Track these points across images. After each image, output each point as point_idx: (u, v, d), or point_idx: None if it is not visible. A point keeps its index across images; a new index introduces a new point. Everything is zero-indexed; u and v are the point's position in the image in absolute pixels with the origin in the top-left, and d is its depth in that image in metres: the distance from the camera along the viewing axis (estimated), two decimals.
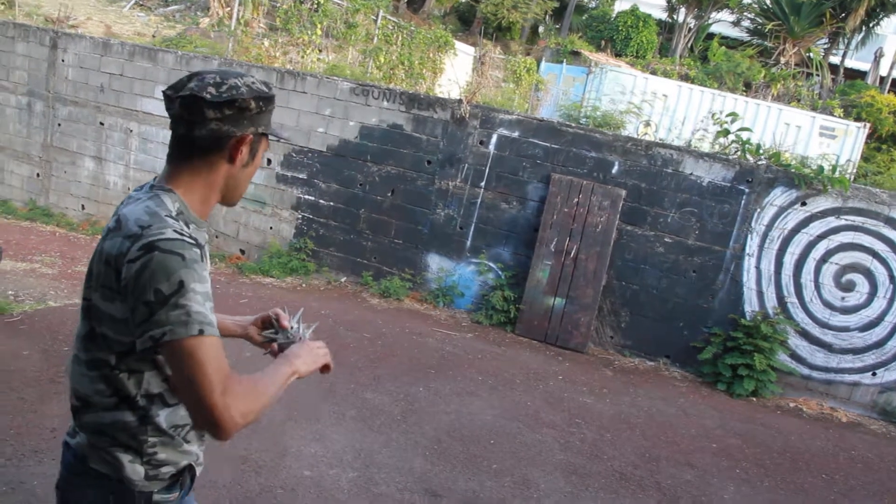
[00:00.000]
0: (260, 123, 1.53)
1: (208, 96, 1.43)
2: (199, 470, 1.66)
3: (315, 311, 6.91)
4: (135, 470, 1.48)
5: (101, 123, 9.65)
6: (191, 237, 1.42)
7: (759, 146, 6.85)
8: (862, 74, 21.57)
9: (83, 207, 9.91)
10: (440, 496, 3.73)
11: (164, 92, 1.49)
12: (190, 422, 1.52)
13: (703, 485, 4.46)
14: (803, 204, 6.60)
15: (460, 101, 7.64)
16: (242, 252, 8.93)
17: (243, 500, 3.37)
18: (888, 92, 18.37)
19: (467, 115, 7.58)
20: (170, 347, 1.33)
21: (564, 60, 15.42)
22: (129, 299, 1.35)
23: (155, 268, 1.33)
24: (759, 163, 6.79)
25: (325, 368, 1.70)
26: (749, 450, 5.22)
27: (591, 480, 4.23)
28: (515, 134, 7.48)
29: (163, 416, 1.49)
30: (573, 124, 7.46)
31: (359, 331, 6.46)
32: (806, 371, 6.70)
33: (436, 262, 7.93)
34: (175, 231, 1.39)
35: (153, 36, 14.51)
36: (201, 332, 1.34)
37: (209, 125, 1.45)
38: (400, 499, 3.62)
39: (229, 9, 14.95)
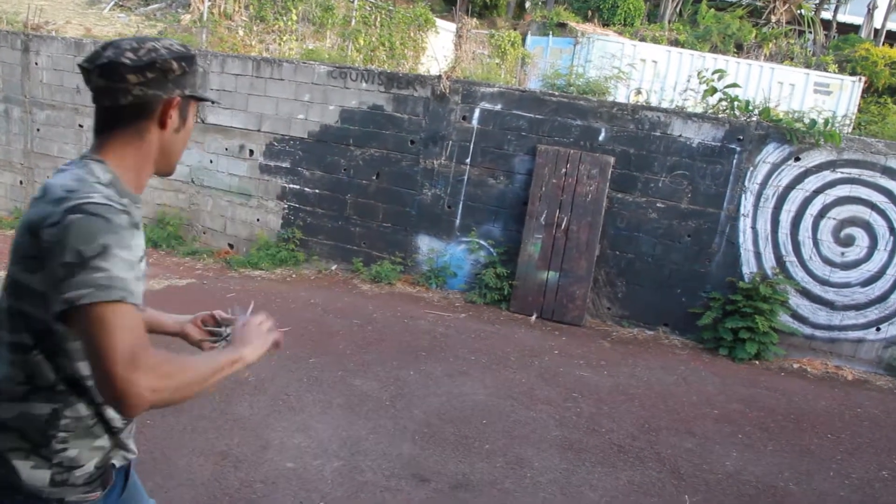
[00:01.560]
0: (185, 85, 1.47)
1: (128, 61, 1.38)
2: (123, 462, 1.54)
3: (304, 300, 6.77)
4: (37, 476, 1.37)
5: (80, 126, 9.49)
6: (121, 204, 1.33)
7: (748, 103, 6.63)
8: (855, 28, 21.19)
9: None
10: (428, 480, 3.59)
11: (79, 65, 1.43)
12: (109, 411, 1.44)
13: (705, 452, 4.31)
14: (797, 159, 6.40)
15: (440, 76, 7.44)
16: (231, 246, 8.79)
17: (221, 496, 3.24)
18: (883, 44, 18.05)
19: (447, 91, 7.38)
20: (84, 312, 1.22)
21: (551, 33, 15.15)
22: (48, 262, 1.26)
23: (78, 229, 1.24)
24: (750, 120, 6.59)
25: (275, 345, 1.61)
26: (752, 414, 5.07)
27: (587, 455, 4.09)
28: (498, 107, 7.28)
29: (80, 405, 1.40)
30: (557, 93, 7.26)
31: (348, 317, 6.32)
32: (809, 330, 6.53)
33: (426, 244, 7.77)
34: (104, 196, 1.31)
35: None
36: (122, 298, 1.23)
37: (133, 91, 1.39)
38: (386, 485, 3.49)
39: (210, 3, 14.73)
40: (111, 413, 1.44)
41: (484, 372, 5.30)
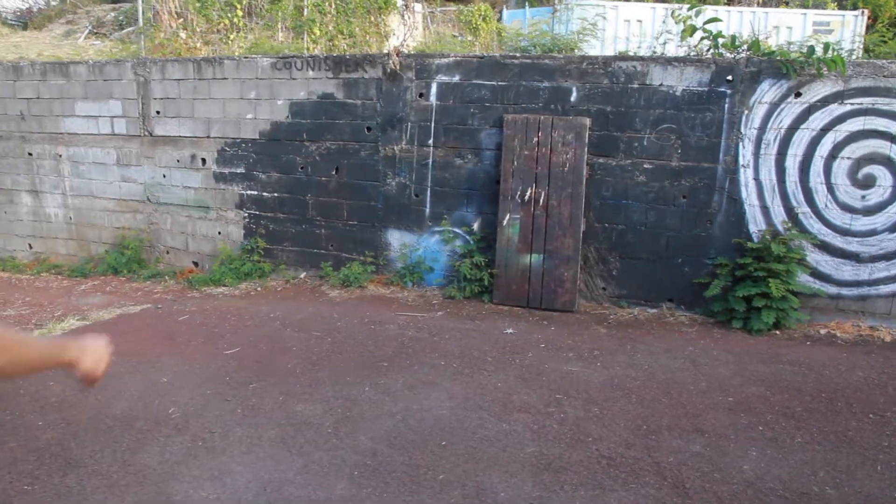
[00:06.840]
0: None
1: None
2: None
3: (262, 315, 6.05)
4: None
5: (30, 154, 8.87)
6: None
7: (734, 38, 5.79)
8: None
9: (30, 246, 9.17)
10: None
11: None
12: None
13: (716, 456, 3.50)
14: (798, 95, 5.55)
15: (388, 54, 6.67)
16: (196, 264, 8.10)
17: None
18: None
19: (399, 68, 6.61)
20: None
21: (527, 3, 14.33)
22: None
23: None
24: (738, 57, 5.74)
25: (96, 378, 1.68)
26: (774, 398, 4.25)
27: (567, 475, 3.30)
28: (456, 78, 6.50)
29: None
30: (518, 54, 6.46)
31: (307, 330, 5.58)
32: (834, 289, 5.67)
33: (396, 239, 7.01)
34: None
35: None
36: None
37: None
38: None
39: (181, 20, 14.15)
40: None
41: (453, 379, 4.53)
